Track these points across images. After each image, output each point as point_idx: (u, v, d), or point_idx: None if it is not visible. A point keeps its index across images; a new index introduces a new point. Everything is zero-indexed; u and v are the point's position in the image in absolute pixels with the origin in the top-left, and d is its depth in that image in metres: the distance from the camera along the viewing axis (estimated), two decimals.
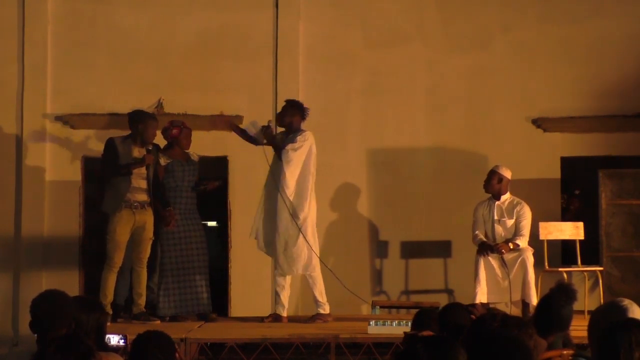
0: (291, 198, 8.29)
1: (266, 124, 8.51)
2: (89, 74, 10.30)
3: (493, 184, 8.76)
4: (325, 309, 8.48)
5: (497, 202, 8.72)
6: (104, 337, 4.73)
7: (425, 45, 10.44)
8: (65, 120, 10.24)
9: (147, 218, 8.52)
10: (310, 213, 8.40)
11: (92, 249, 10.31)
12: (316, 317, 8.43)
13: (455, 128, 10.37)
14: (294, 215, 8.30)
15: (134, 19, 10.36)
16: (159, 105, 10.22)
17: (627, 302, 4.31)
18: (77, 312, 4.51)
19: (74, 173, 10.22)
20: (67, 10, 10.34)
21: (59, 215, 10.16)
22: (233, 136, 9.23)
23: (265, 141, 8.49)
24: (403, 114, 10.38)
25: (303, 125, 8.58)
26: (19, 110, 10.20)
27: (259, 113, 9.82)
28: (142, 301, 8.55)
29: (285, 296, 8.49)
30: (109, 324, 7.90)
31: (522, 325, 4.05)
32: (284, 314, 8.51)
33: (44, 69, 10.24)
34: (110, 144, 8.52)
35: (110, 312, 8.28)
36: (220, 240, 10.97)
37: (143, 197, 8.48)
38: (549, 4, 10.43)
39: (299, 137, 8.37)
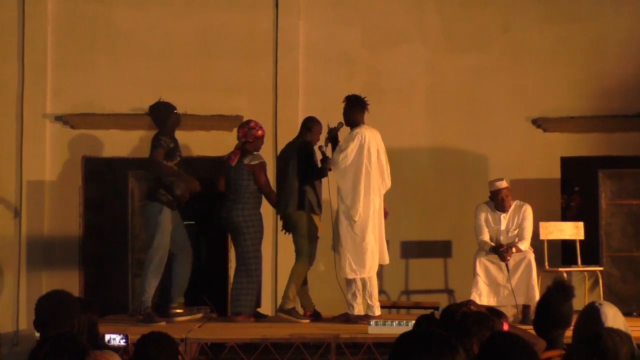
0: (347, 201, 8.21)
1: (335, 126, 8.43)
2: (89, 74, 10.30)
3: (507, 200, 8.61)
4: (375, 312, 8.35)
5: (503, 215, 8.63)
6: (97, 336, 4.74)
7: (425, 45, 10.45)
8: (65, 120, 10.24)
9: None
10: (369, 212, 8.27)
11: (92, 249, 10.34)
12: (364, 318, 8.24)
13: (455, 128, 10.37)
14: (350, 218, 8.23)
15: (134, 19, 10.36)
16: None
17: (598, 303, 4.36)
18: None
19: (74, 173, 10.22)
20: (67, 10, 10.34)
21: (59, 215, 10.17)
22: (233, 136, 9.20)
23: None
24: (403, 114, 10.38)
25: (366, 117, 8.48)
26: (19, 110, 10.20)
27: (259, 113, 9.83)
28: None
29: (359, 299, 8.38)
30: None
31: (482, 320, 4.10)
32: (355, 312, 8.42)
33: (44, 69, 10.24)
34: (311, 146, 8.55)
35: None
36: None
37: None
38: (549, 4, 10.44)
39: (347, 137, 8.29)
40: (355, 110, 8.38)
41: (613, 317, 4.26)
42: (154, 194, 8.41)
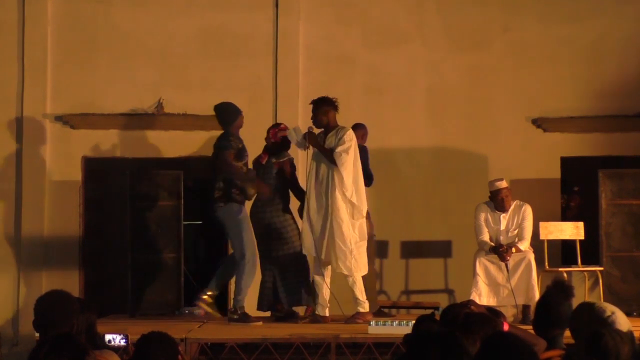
0: (352, 199, 8.19)
1: (307, 131, 8.31)
2: (89, 74, 10.31)
3: (506, 200, 8.59)
4: (365, 307, 8.33)
5: (502, 215, 8.61)
6: (95, 336, 4.75)
7: (425, 45, 10.45)
8: (65, 120, 10.25)
9: None
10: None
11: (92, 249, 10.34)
12: (356, 317, 8.27)
13: (455, 128, 10.38)
14: (357, 216, 8.23)
15: (134, 19, 10.36)
16: (159, 105, 10.22)
17: (597, 303, 4.38)
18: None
19: (74, 173, 10.23)
20: (67, 10, 10.34)
21: (59, 215, 10.17)
22: None
23: (308, 146, 8.30)
24: (403, 114, 10.38)
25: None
26: (19, 110, 10.21)
27: (259, 113, 9.84)
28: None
29: (325, 295, 8.37)
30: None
31: (485, 322, 4.10)
32: (326, 313, 8.38)
33: (44, 69, 10.25)
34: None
35: None
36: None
37: None
38: (549, 4, 10.44)
39: (345, 137, 8.20)
40: (331, 111, 8.32)
41: (620, 317, 4.25)
42: (229, 195, 8.32)
